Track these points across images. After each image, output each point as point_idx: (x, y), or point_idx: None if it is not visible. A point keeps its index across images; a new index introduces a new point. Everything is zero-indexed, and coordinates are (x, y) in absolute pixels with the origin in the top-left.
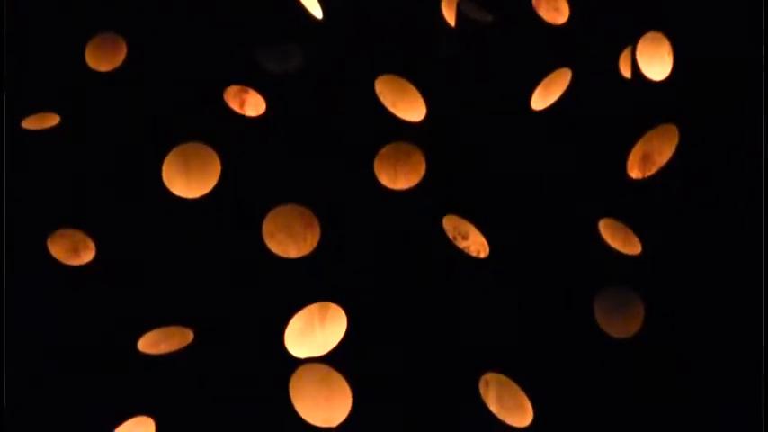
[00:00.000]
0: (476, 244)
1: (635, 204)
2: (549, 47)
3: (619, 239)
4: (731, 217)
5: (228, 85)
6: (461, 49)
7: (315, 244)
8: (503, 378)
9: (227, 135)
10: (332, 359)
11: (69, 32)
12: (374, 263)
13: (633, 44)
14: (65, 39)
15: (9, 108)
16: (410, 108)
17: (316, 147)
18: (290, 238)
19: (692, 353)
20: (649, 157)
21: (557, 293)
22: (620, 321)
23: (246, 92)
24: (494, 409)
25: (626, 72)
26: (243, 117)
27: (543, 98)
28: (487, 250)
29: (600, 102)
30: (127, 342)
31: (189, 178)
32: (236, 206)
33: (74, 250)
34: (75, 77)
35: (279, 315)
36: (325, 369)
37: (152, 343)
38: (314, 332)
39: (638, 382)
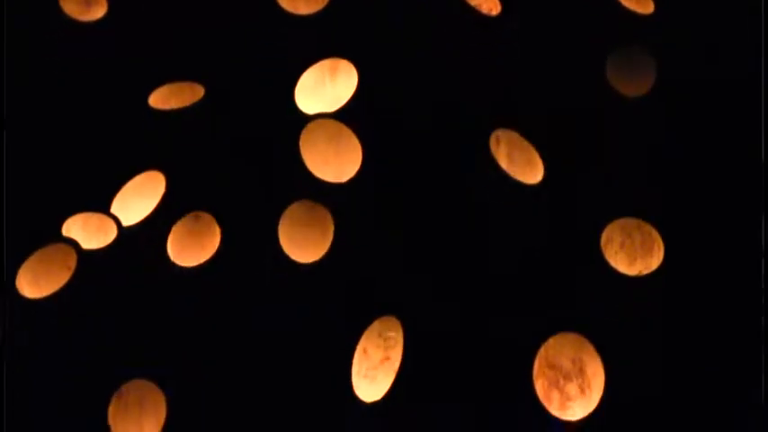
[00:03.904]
0: (487, 2)
1: None
2: None
3: None
4: None
5: None
6: None
7: (326, 0)
8: (513, 134)
9: None
10: (342, 115)
11: None
12: (384, 19)
13: None
14: None
15: None
16: None
17: None
18: None
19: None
20: None
21: (570, 51)
22: (633, 80)
23: None
24: (504, 165)
25: None
26: None
27: None
28: (499, 8)
29: None
30: (138, 98)
31: None
32: None
33: (86, 5)
34: None
35: (289, 71)
36: (335, 125)
37: (163, 98)
38: (324, 88)
39: (648, 142)
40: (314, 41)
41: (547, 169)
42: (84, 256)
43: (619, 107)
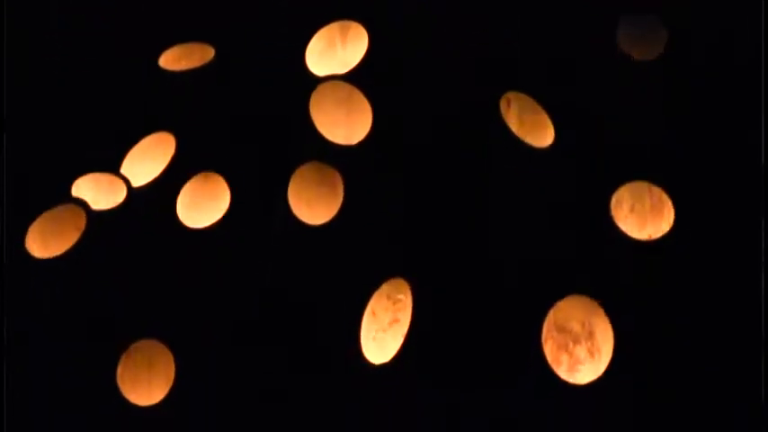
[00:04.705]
0: None
1: None
2: None
3: None
4: None
5: None
6: None
7: None
8: (524, 97)
9: None
10: (353, 78)
11: None
12: None
13: None
14: None
15: None
16: None
17: None
18: None
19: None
20: None
21: (581, 13)
22: (643, 43)
23: None
24: (514, 128)
25: None
26: None
27: None
28: None
29: None
30: (148, 58)
31: None
32: None
33: None
34: None
35: (300, 33)
36: (346, 87)
37: (173, 59)
38: (335, 50)
39: (660, 105)
40: (325, 3)
41: (557, 132)
42: (94, 217)
43: (630, 70)
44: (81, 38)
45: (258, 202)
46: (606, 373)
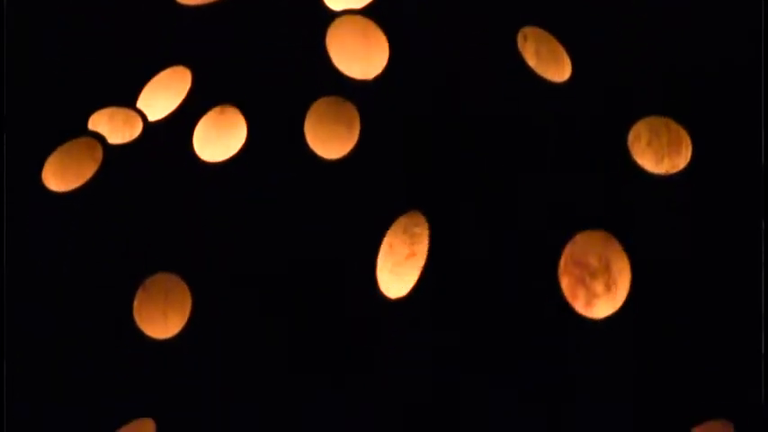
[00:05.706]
0: None
1: None
2: None
3: None
4: None
5: None
6: None
7: None
8: (541, 31)
9: None
10: (370, 12)
11: None
12: None
13: None
14: None
15: None
16: None
17: None
18: None
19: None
20: None
21: None
22: None
23: None
24: (531, 62)
25: None
26: None
27: None
28: None
29: None
30: None
31: None
32: None
33: None
34: None
35: None
36: (362, 21)
37: None
38: None
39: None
40: None
41: (575, 66)
42: (111, 151)
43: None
44: None
45: (275, 136)
46: (623, 307)
